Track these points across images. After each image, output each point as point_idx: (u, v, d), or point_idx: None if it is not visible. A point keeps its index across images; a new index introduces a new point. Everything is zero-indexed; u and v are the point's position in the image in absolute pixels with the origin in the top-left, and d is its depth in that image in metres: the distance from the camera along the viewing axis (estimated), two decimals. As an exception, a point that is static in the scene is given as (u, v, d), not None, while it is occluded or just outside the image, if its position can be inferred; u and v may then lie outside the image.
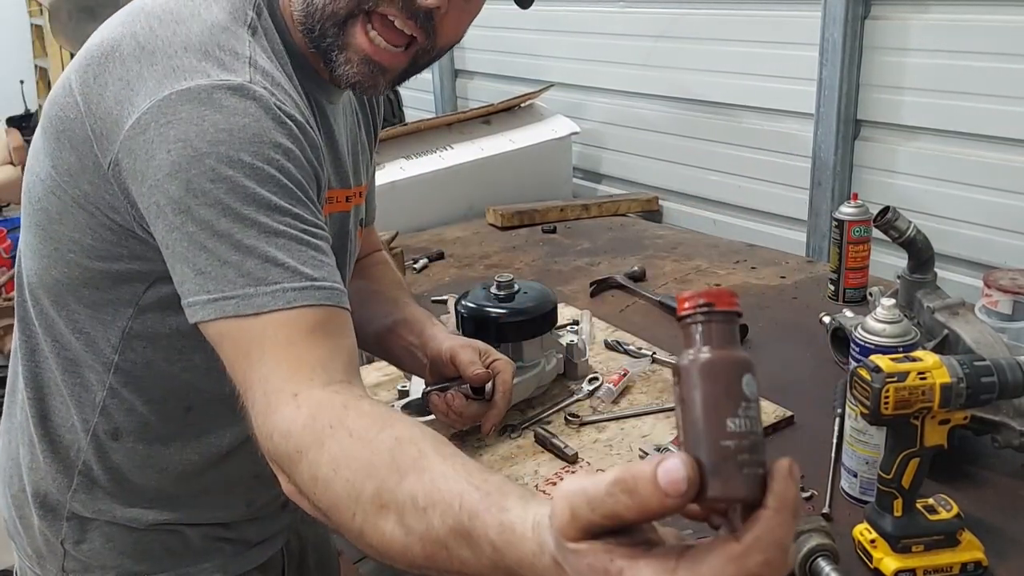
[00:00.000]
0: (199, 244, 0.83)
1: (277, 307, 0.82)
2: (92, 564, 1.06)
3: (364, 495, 0.72)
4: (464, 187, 2.74)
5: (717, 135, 2.55)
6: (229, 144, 0.83)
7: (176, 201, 0.83)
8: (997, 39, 1.85)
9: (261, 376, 0.82)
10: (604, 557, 0.54)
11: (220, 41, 0.89)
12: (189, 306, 0.85)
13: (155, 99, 0.84)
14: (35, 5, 6.51)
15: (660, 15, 2.62)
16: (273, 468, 0.82)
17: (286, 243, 0.84)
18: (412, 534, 0.69)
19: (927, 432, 1.06)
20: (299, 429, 0.78)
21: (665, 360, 1.66)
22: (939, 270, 1.50)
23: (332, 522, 0.76)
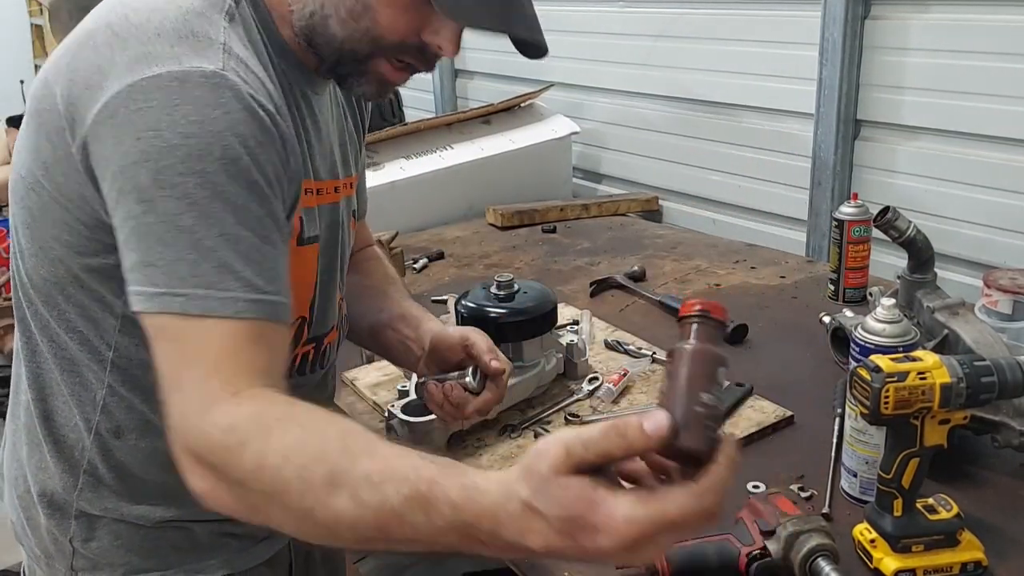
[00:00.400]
0: (156, 236, 0.83)
1: (225, 314, 0.83)
2: (101, 562, 1.06)
3: (316, 478, 0.76)
4: (464, 187, 2.74)
5: (717, 135, 2.55)
6: (200, 137, 0.83)
7: (141, 190, 0.83)
8: (997, 39, 1.85)
9: (198, 376, 0.82)
10: (589, 487, 0.68)
11: (194, 27, 0.88)
12: (134, 294, 0.85)
13: (125, 83, 0.84)
14: (35, 5, 6.51)
15: (660, 15, 2.62)
16: (190, 463, 0.82)
17: (246, 249, 0.85)
18: (366, 507, 0.74)
19: (927, 432, 1.06)
20: (243, 423, 0.80)
21: (665, 360, 1.65)
22: (939, 270, 1.50)
23: (273, 506, 0.78)
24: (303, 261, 1.03)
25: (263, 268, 0.86)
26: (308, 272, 1.06)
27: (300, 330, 1.07)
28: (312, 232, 1.05)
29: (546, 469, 0.69)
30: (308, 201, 1.03)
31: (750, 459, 1.37)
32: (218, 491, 0.82)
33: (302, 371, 1.11)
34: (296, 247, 1.00)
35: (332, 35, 0.97)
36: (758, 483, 1.28)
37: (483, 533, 0.74)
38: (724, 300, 1.95)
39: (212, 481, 0.82)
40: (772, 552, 1.07)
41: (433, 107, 3.66)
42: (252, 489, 0.79)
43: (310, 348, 1.11)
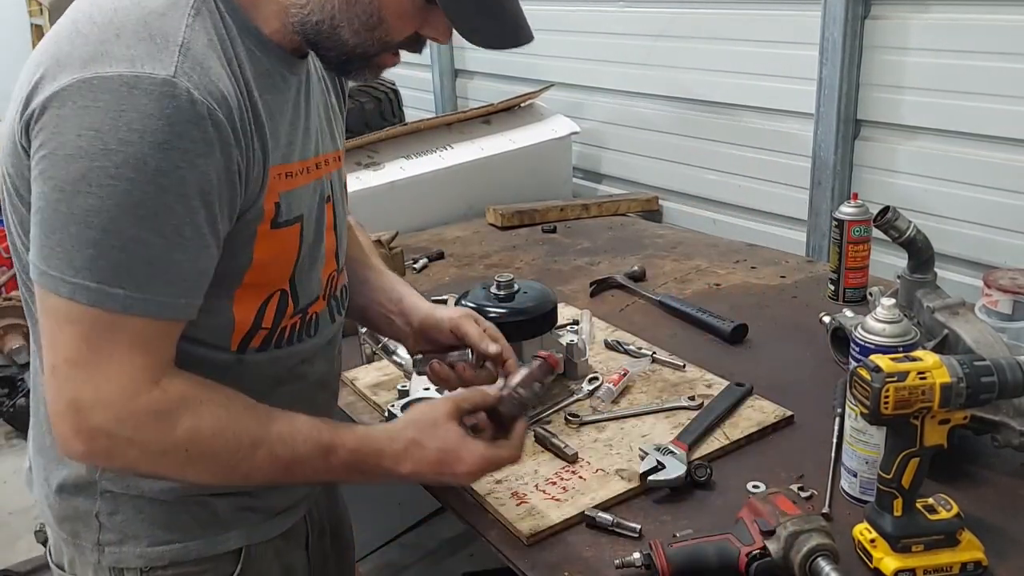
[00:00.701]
0: (62, 224, 0.89)
1: (114, 308, 0.91)
2: (126, 535, 1.11)
3: (241, 445, 1.00)
4: (464, 187, 2.74)
5: (717, 135, 2.55)
6: (139, 146, 0.87)
7: (67, 181, 0.88)
8: (997, 39, 1.85)
9: (114, 364, 0.93)
10: (462, 432, 1.11)
11: (153, 28, 0.91)
12: (32, 263, 0.93)
13: (77, 77, 0.88)
14: (35, 5, 6.52)
15: (660, 14, 2.62)
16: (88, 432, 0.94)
17: (150, 255, 0.92)
18: (279, 460, 1.02)
19: (927, 432, 1.06)
20: (173, 406, 0.96)
21: (665, 360, 1.66)
22: (939, 270, 1.50)
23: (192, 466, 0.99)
24: (281, 241, 1.08)
25: (161, 272, 0.93)
26: (288, 250, 1.10)
27: (283, 303, 1.12)
28: (292, 214, 1.08)
29: (440, 416, 1.11)
30: (288, 184, 1.06)
31: (750, 459, 1.37)
32: (113, 455, 0.97)
33: (291, 341, 1.15)
34: (269, 230, 1.05)
35: (343, 42, 1.02)
36: (758, 483, 1.28)
37: (368, 466, 1.08)
38: (724, 300, 1.96)
39: (110, 446, 0.95)
40: (772, 552, 1.07)
41: (433, 107, 3.66)
42: (173, 456, 0.98)
43: (297, 319, 1.15)
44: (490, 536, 1.24)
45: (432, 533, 2.88)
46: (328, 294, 1.21)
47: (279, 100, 1.05)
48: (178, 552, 1.12)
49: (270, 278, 1.09)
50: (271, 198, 1.03)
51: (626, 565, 1.11)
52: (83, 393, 0.94)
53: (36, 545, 2.78)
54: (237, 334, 1.08)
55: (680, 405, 1.50)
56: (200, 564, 1.13)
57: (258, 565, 1.18)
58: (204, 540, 1.13)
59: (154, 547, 1.12)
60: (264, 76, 1.02)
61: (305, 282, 1.14)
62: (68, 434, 0.96)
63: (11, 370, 3.76)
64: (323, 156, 1.16)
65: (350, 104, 2.82)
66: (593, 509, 1.24)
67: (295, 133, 1.08)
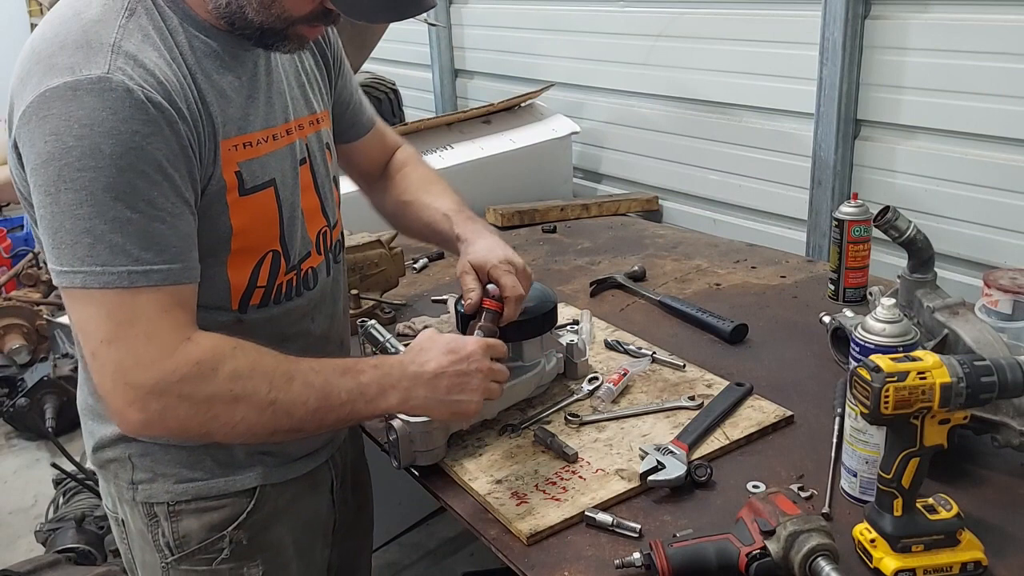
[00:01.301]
0: (59, 223, 1.02)
1: (122, 285, 1.03)
2: (155, 474, 1.26)
3: (276, 376, 1.12)
4: (464, 187, 2.70)
5: (717, 135, 2.55)
6: (91, 138, 1.00)
7: (47, 185, 1.02)
8: (997, 39, 1.85)
9: (142, 332, 1.04)
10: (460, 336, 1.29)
11: (90, 34, 1.04)
12: (51, 271, 1.05)
13: (35, 94, 1.02)
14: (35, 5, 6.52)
15: (660, 14, 2.62)
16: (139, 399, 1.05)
17: (135, 230, 1.03)
18: (312, 386, 1.13)
19: (927, 432, 1.06)
20: (208, 355, 1.08)
21: (665, 360, 1.66)
22: (939, 270, 1.50)
23: (238, 407, 1.09)
24: (256, 206, 1.19)
25: (151, 243, 1.04)
26: (267, 212, 1.21)
27: (276, 263, 1.23)
28: (259, 180, 1.19)
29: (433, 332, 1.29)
30: (246, 154, 1.17)
31: (750, 459, 1.37)
32: (167, 415, 1.07)
33: (289, 296, 1.28)
34: (239, 198, 1.16)
35: (250, 20, 1.12)
36: (758, 483, 1.28)
37: (395, 376, 1.20)
38: (724, 300, 1.96)
39: (163, 407, 1.06)
40: (772, 552, 1.08)
41: (433, 107, 3.66)
42: (220, 400, 1.08)
43: (292, 275, 1.27)
44: (490, 536, 1.24)
45: (432, 533, 2.89)
46: (324, 249, 1.32)
47: (231, 77, 1.16)
48: (200, 488, 1.27)
49: (258, 241, 1.20)
50: (229, 168, 1.15)
51: (626, 565, 1.12)
52: (124, 362, 1.05)
53: (36, 545, 2.78)
54: (235, 294, 1.20)
55: (680, 405, 1.50)
56: (220, 499, 1.28)
57: (273, 503, 1.31)
58: (224, 479, 1.27)
59: (180, 484, 1.26)
60: (212, 57, 1.14)
61: (294, 240, 1.25)
62: (122, 407, 1.07)
63: (11, 370, 3.76)
64: (295, 122, 1.26)
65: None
66: (593, 509, 1.24)
67: (253, 105, 1.19)
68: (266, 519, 1.31)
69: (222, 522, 1.28)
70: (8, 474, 3.56)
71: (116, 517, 1.35)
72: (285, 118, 1.24)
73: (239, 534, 1.29)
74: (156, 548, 1.29)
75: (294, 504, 1.34)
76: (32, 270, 4.19)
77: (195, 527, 1.28)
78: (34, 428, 3.59)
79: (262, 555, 1.32)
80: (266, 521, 1.31)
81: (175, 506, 1.27)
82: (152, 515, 1.28)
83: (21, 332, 3.87)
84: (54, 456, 3.08)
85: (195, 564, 1.29)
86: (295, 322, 1.29)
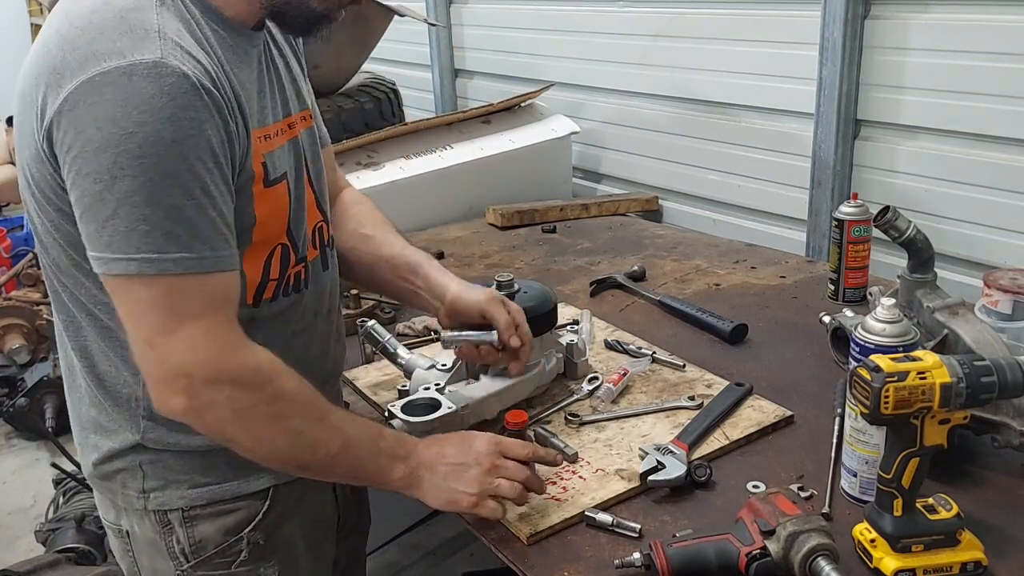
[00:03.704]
0: (111, 210, 1.00)
1: (176, 272, 1.03)
2: (168, 480, 1.24)
3: (311, 410, 1.15)
4: (464, 187, 2.74)
5: (717, 135, 2.55)
6: (152, 124, 0.98)
7: (100, 171, 0.99)
8: (997, 39, 1.85)
9: (206, 325, 1.06)
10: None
11: (131, 21, 1.02)
12: (95, 259, 1.04)
13: (80, 79, 0.98)
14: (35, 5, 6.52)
15: (659, 14, 2.62)
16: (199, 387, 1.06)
17: (188, 218, 1.03)
18: (340, 432, 1.17)
19: (927, 432, 1.06)
20: (265, 366, 1.11)
21: (665, 360, 1.66)
22: (939, 270, 1.50)
23: (271, 427, 1.12)
24: (274, 198, 1.19)
25: (202, 232, 1.04)
26: (281, 206, 1.22)
27: (286, 255, 1.24)
28: (277, 173, 1.20)
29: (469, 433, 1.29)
30: (268, 146, 1.18)
31: (750, 459, 1.37)
32: (208, 411, 1.08)
33: (297, 288, 1.28)
34: (263, 189, 1.17)
35: (312, 9, 1.16)
36: (758, 483, 1.28)
37: (406, 449, 1.22)
38: (724, 300, 1.96)
39: (210, 402, 1.07)
40: (772, 552, 1.07)
41: (433, 107, 3.66)
42: (261, 415, 1.11)
43: (300, 267, 1.27)
44: (490, 536, 1.24)
45: (432, 533, 2.88)
46: (319, 243, 1.33)
47: (246, 71, 1.16)
48: (215, 492, 1.25)
49: (271, 234, 1.20)
50: (257, 159, 1.15)
51: (626, 565, 1.11)
52: (184, 356, 1.06)
53: (36, 545, 2.78)
54: (250, 287, 1.19)
55: (680, 405, 1.50)
56: (235, 502, 1.27)
57: (285, 502, 1.31)
58: (237, 481, 1.26)
59: (194, 489, 1.24)
60: (231, 51, 1.13)
61: (299, 233, 1.26)
62: (170, 396, 1.07)
63: (11, 370, 3.76)
64: (294, 116, 1.28)
65: (350, 104, 2.86)
66: (593, 509, 1.24)
67: (265, 99, 1.20)
68: (279, 518, 1.31)
69: (238, 524, 1.27)
70: (8, 474, 3.56)
71: (119, 529, 1.31)
72: (286, 112, 1.26)
73: (256, 535, 1.28)
74: (171, 556, 1.27)
75: (302, 501, 1.34)
76: (32, 270, 4.18)
77: (211, 531, 1.26)
78: (34, 428, 3.59)
79: (277, 554, 1.32)
80: (279, 521, 1.31)
81: (190, 511, 1.25)
82: (166, 523, 1.25)
83: (21, 332, 3.86)
84: (54, 456, 3.08)
85: (212, 569, 1.28)
86: (302, 316, 1.29)
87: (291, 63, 1.33)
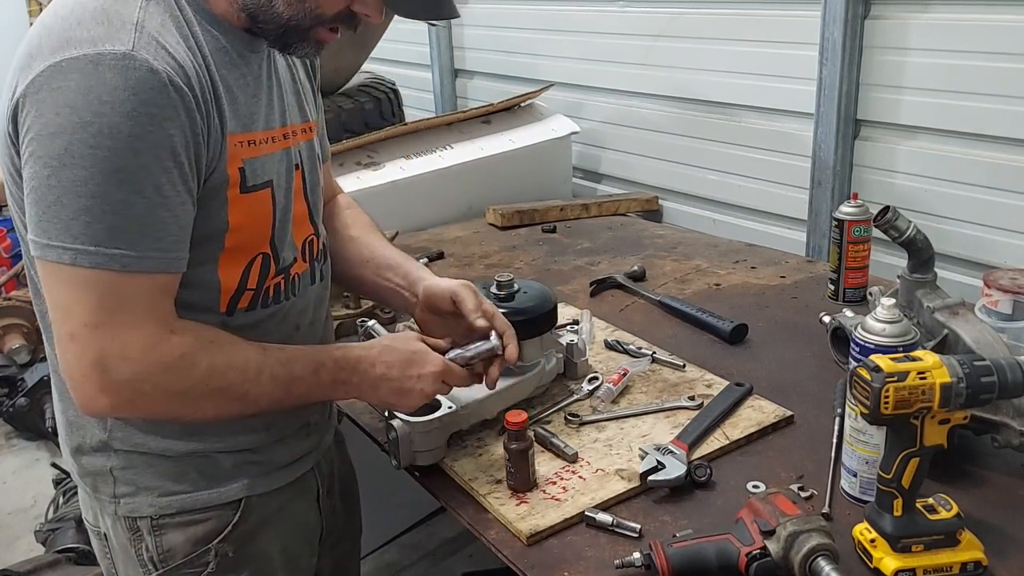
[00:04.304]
0: (56, 197, 0.99)
1: (113, 268, 1.01)
2: (138, 487, 1.23)
3: (249, 371, 1.14)
4: (464, 187, 2.74)
5: (717, 135, 2.55)
6: (111, 116, 0.98)
7: (51, 156, 0.98)
8: (997, 39, 1.85)
9: (129, 321, 1.04)
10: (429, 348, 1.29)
11: (111, 12, 1.02)
12: (32, 241, 1.03)
13: (48, 63, 0.99)
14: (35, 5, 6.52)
15: (659, 14, 2.62)
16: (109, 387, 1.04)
17: (137, 214, 1.01)
18: (277, 380, 1.16)
19: (927, 432, 1.06)
20: (189, 350, 1.09)
21: (665, 360, 1.66)
22: (939, 270, 1.50)
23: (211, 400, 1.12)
24: (253, 204, 1.18)
25: (149, 231, 1.03)
26: (262, 213, 1.20)
27: (266, 265, 1.22)
28: (259, 179, 1.18)
29: (410, 335, 1.32)
30: (250, 152, 1.16)
31: (750, 459, 1.37)
32: (138, 403, 1.08)
33: (277, 299, 1.26)
34: (239, 195, 1.15)
35: (278, 14, 1.12)
36: (758, 483, 1.28)
37: (348, 372, 1.23)
38: (724, 300, 1.96)
39: (136, 395, 1.07)
40: (772, 552, 1.08)
41: (433, 107, 3.66)
42: (195, 394, 1.10)
43: (280, 279, 1.25)
44: (490, 536, 1.24)
45: (432, 533, 2.88)
46: (308, 257, 1.31)
47: (237, 75, 1.15)
48: (185, 501, 1.24)
49: (250, 241, 1.18)
50: (234, 163, 1.13)
51: (626, 565, 1.12)
52: (109, 351, 1.04)
53: (36, 545, 2.78)
54: (224, 295, 1.18)
55: (680, 405, 1.50)
56: (205, 512, 1.25)
57: (260, 514, 1.29)
58: (208, 491, 1.25)
59: (164, 497, 1.23)
60: (222, 52, 1.13)
61: (283, 244, 1.24)
62: (93, 392, 1.06)
63: (11, 370, 3.76)
64: (291, 127, 1.26)
65: (350, 104, 2.85)
66: (593, 509, 1.24)
67: (257, 105, 1.19)
68: (252, 530, 1.29)
69: (207, 535, 1.25)
70: (8, 474, 3.56)
71: (98, 531, 1.32)
72: (283, 122, 1.25)
73: (224, 547, 1.26)
74: (140, 563, 1.26)
75: (281, 513, 1.32)
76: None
77: (179, 541, 1.25)
78: (34, 428, 3.59)
79: (248, 567, 1.30)
80: (252, 532, 1.29)
81: (159, 520, 1.24)
82: (135, 529, 1.25)
83: (21, 332, 3.86)
84: (54, 456, 3.09)
85: None
86: (279, 328, 1.27)
87: (299, 75, 1.32)
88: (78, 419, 1.23)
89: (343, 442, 1.56)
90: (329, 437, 1.45)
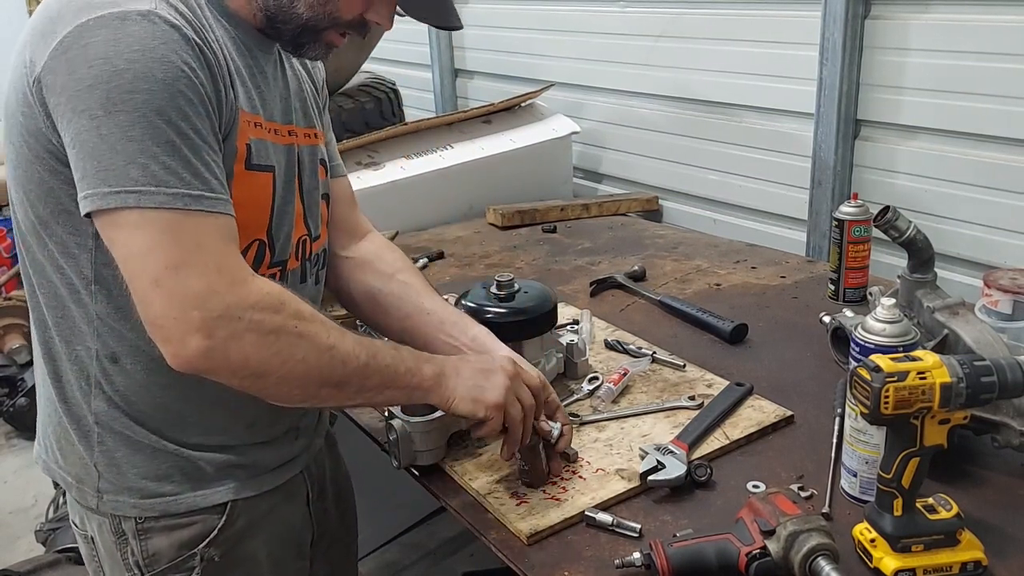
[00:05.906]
0: (109, 145, 0.99)
1: (175, 207, 1.01)
2: (121, 486, 1.22)
3: (332, 327, 1.12)
4: (464, 187, 2.74)
5: (717, 135, 2.55)
6: (144, 62, 1.00)
7: (95, 108, 0.99)
8: (997, 39, 1.85)
9: (212, 258, 1.03)
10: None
11: None
12: (89, 196, 1.01)
13: (74, 24, 1.00)
14: (35, 5, 6.51)
15: (660, 15, 2.62)
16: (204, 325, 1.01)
17: (185, 156, 1.02)
18: (361, 344, 1.14)
19: (927, 432, 1.06)
20: (276, 290, 1.08)
21: (665, 360, 1.66)
22: (939, 270, 1.50)
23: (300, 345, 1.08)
24: (254, 185, 1.18)
25: (199, 171, 1.03)
26: (262, 196, 1.20)
27: (261, 254, 1.21)
28: (263, 161, 1.18)
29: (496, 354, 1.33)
30: (256, 133, 1.17)
31: (750, 459, 1.37)
32: (231, 345, 1.03)
33: None
34: (244, 170, 1.15)
35: (298, 15, 1.16)
36: (758, 483, 1.28)
37: (428, 356, 1.23)
38: (724, 300, 1.96)
39: (231, 334, 1.02)
40: (772, 552, 1.08)
41: (433, 107, 3.66)
42: (286, 333, 1.06)
43: (276, 271, 1.25)
44: (490, 536, 1.24)
45: (432, 533, 2.89)
46: (301, 256, 1.30)
47: (246, 62, 1.17)
48: (169, 504, 1.23)
49: (249, 224, 1.16)
50: (243, 138, 1.14)
51: (626, 565, 1.12)
52: (195, 287, 1.01)
53: (36, 545, 2.78)
54: None
55: (680, 405, 1.50)
56: (190, 516, 1.23)
57: (247, 518, 1.27)
58: (193, 494, 1.23)
59: (147, 499, 1.22)
60: (233, 42, 1.15)
61: (279, 237, 1.24)
62: (184, 334, 1.01)
63: (11, 370, 3.76)
64: (295, 128, 1.28)
65: (350, 104, 2.85)
66: (593, 509, 1.24)
67: (264, 96, 1.21)
68: (239, 534, 1.27)
69: (192, 539, 1.24)
70: (8, 474, 3.56)
71: (85, 535, 1.30)
72: (286, 120, 1.26)
73: (210, 551, 1.24)
74: (126, 567, 1.25)
75: (269, 517, 1.30)
76: (32, 270, 4.19)
77: (164, 545, 1.23)
78: (34, 428, 3.59)
79: (236, 571, 1.28)
80: (239, 536, 1.27)
81: (143, 523, 1.23)
82: (120, 533, 1.24)
83: (21, 332, 3.86)
84: (54, 456, 3.08)
85: None
86: None
87: (305, 85, 1.34)
88: (71, 393, 1.21)
89: (336, 445, 1.55)
90: (320, 441, 1.44)
